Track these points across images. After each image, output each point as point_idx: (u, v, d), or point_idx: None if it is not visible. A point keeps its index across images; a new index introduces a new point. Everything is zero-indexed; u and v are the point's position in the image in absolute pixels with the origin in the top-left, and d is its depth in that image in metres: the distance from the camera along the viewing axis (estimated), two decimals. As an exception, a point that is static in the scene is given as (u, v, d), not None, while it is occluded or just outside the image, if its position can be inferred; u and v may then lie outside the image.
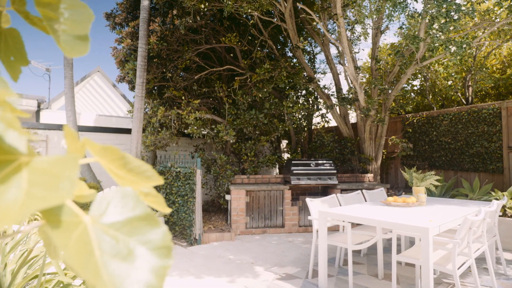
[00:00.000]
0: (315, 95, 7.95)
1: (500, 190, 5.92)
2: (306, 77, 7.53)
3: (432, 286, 2.50)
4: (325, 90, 7.72)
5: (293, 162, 6.13)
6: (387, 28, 7.13)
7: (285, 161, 7.21)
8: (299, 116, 8.10)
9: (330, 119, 8.33)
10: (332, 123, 9.78)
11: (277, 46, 8.35)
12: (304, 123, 8.36)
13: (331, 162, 6.26)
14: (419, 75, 8.80)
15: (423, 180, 3.88)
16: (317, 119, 8.60)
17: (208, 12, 6.89)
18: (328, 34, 6.30)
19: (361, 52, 14.01)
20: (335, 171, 6.17)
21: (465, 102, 8.36)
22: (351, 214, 3.15)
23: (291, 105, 6.72)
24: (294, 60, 8.02)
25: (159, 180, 0.33)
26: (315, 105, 8.11)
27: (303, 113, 8.12)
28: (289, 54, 8.60)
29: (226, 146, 7.31)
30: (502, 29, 6.34)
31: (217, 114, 7.66)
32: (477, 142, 6.44)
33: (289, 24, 6.68)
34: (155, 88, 7.59)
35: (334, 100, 7.73)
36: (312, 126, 8.78)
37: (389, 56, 9.34)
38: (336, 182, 6.11)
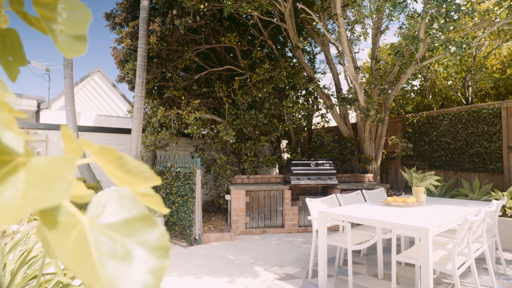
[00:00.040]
0: (315, 95, 7.95)
1: (500, 190, 5.92)
2: (306, 77, 7.53)
3: (432, 286, 2.50)
4: (325, 90, 7.72)
5: (293, 162, 6.13)
6: (387, 28, 7.12)
7: (285, 161, 7.21)
8: (299, 116, 8.09)
9: (330, 119, 8.32)
10: (332, 123, 9.77)
11: (277, 46, 8.34)
12: (304, 123, 8.36)
13: (331, 162, 6.26)
14: (419, 75, 8.80)
15: (423, 180, 3.88)
16: (317, 119, 8.60)
17: (208, 12, 6.89)
18: (328, 34, 6.29)
19: (361, 52, 14.01)
20: (335, 171, 6.17)
21: (465, 102, 8.36)
22: (351, 214, 3.15)
23: (291, 105, 6.72)
24: (294, 60, 8.02)
25: (157, 181, 0.33)
26: (315, 105, 8.11)
27: (303, 113, 8.11)
28: (289, 54, 8.60)
29: (226, 146, 7.30)
30: (502, 29, 6.34)
31: (217, 114, 7.66)
32: (477, 142, 6.44)
33: (289, 24, 6.68)
34: (155, 88, 7.59)
35: (334, 100, 7.73)
36: (312, 126, 8.78)
37: (389, 56, 9.34)
38: (336, 182, 6.11)
